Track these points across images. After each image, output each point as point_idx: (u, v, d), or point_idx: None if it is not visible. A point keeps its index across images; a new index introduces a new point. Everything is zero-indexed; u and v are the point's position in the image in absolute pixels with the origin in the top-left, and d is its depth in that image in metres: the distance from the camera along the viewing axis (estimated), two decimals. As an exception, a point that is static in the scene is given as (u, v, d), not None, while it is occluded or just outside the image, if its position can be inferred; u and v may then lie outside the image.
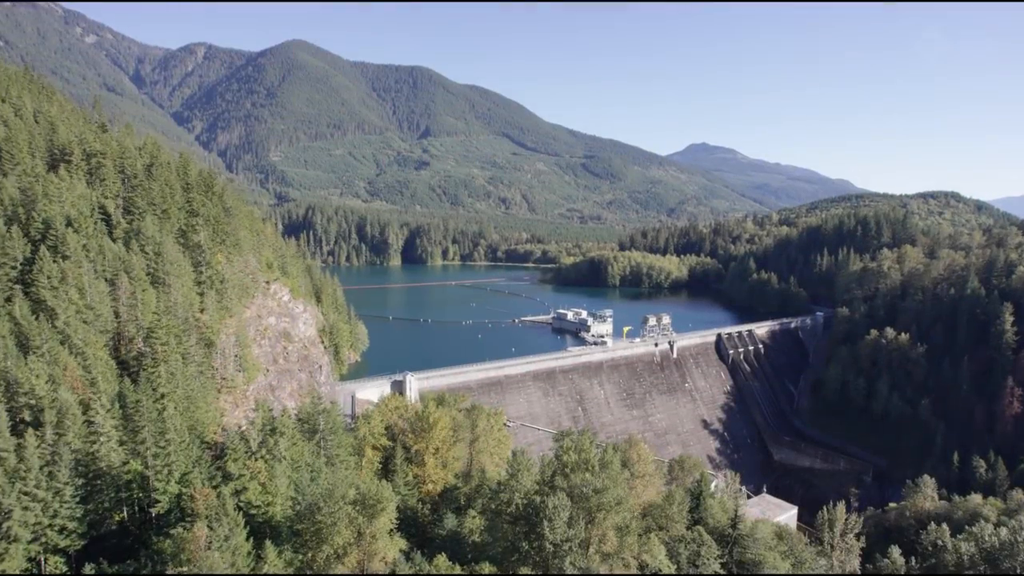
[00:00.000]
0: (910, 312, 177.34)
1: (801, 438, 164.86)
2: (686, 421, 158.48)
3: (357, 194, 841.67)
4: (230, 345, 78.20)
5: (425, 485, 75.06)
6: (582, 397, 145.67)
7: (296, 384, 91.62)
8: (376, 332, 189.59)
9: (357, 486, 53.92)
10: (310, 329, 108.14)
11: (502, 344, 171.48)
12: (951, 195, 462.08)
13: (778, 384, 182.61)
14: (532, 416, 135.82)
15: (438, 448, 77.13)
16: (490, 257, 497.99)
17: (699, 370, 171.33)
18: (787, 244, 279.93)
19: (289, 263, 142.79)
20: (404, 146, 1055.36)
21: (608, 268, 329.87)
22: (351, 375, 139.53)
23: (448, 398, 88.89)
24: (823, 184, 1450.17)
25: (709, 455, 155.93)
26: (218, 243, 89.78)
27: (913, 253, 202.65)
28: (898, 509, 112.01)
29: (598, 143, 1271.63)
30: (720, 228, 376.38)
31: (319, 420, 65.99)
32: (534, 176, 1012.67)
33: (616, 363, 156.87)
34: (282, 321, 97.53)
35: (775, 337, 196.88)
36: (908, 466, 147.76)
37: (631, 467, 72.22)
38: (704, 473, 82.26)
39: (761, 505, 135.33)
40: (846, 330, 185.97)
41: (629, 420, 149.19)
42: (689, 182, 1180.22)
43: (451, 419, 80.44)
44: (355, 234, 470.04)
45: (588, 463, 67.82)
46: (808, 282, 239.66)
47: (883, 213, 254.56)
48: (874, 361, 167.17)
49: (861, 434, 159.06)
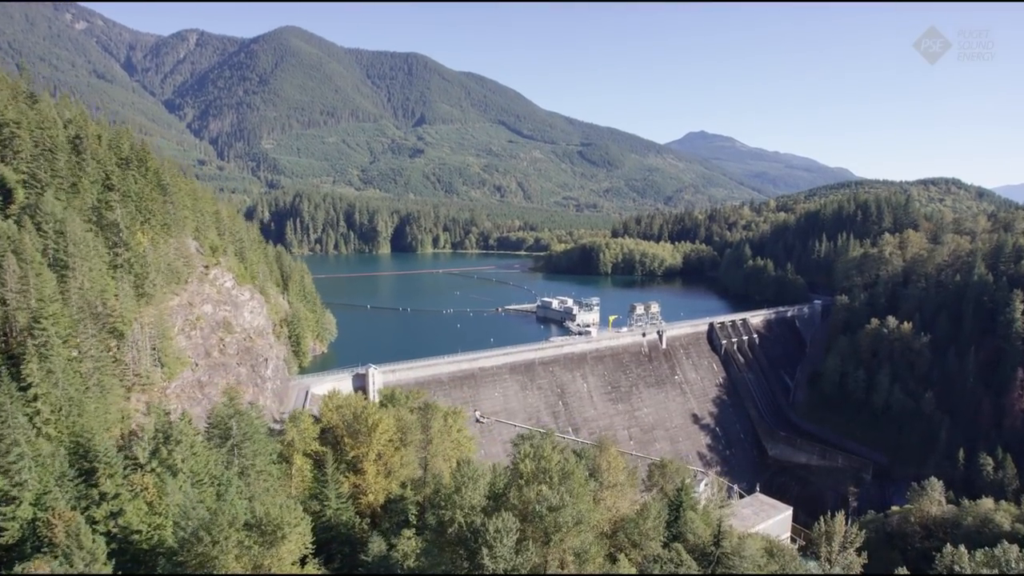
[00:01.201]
0: (913, 300, 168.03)
1: (797, 433, 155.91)
2: (675, 415, 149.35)
3: (350, 182, 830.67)
4: (146, 337, 68.53)
5: (365, 496, 65.75)
6: (563, 391, 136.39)
7: (234, 379, 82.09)
8: (351, 322, 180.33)
9: (255, 507, 44.47)
10: (258, 318, 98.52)
11: (482, 334, 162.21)
12: (952, 181, 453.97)
13: (773, 376, 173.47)
14: (508, 412, 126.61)
15: (380, 453, 67.76)
16: (482, 245, 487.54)
17: (690, 361, 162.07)
18: (784, 230, 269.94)
19: (248, 248, 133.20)
20: (399, 134, 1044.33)
21: (600, 255, 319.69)
22: (314, 368, 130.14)
23: (400, 395, 79.59)
24: (822, 172, 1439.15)
25: (699, 451, 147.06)
26: (142, 222, 79.86)
27: (916, 238, 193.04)
28: (901, 513, 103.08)
29: (595, 131, 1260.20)
30: (716, 215, 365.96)
31: (231, 424, 56.50)
32: (530, 164, 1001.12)
33: (601, 354, 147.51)
34: (221, 310, 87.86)
35: (771, 326, 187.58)
36: (910, 463, 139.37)
37: (600, 476, 62.81)
38: (686, 482, 72.89)
39: (754, 505, 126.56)
40: (845, 319, 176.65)
41: (614, 415, 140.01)
42: (687, 170, 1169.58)
43: (398, 420, 71.02)
44: (343, 222, 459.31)
45: (547, 473, 58.18)
46: (806, 269, 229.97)
47: (884, 198, 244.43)
48: (875, 352, 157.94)
49: (861, 429, 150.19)
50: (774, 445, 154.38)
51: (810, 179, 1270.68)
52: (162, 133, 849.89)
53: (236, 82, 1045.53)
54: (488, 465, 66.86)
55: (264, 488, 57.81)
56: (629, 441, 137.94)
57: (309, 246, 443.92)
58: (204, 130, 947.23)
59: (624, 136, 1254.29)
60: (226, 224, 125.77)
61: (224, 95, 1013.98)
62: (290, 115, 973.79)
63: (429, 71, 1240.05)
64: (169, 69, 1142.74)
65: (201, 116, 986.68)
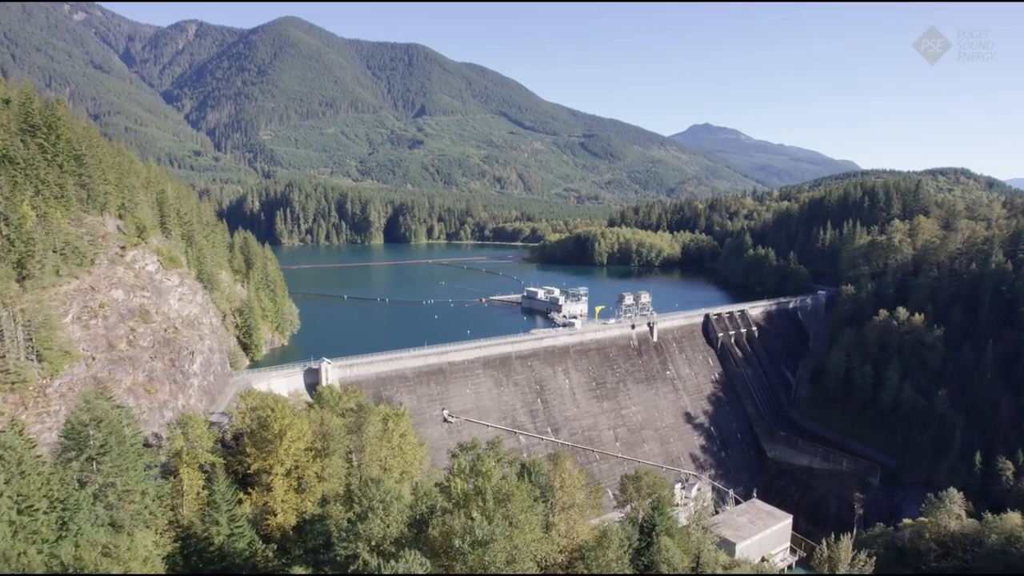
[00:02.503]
0: (924, 290, 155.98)
1: (799, 433, 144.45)
2: (666, 414, 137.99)
3: (348, 173, 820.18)
4: (17, 326, 57.49)
5: (273, 517, 54.61)
6: (542, 387, 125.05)
7: (144, 375, 71.05)
8: (323, 313, 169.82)
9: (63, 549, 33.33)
10: (189, 307, 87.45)
11: (460, 326, 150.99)
12: (961, 171, 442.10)
13: (773, 371, 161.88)
14: (480, 410, 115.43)
15: (296, 465, 56.61)
16: (477, 236, 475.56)
17: (683, 355, 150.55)
18: (787, 218, 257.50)
19: (200, 231, 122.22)
20: (398, 125, 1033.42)
21: (595, 245, 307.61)
22: (271, 362, 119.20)
23: (331, 395, 68.39)
24: (827, 165, 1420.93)
25: (692, 453, 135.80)
26: (32, 195, 68.75)
27: (927, 224, 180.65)
28: (914, 527, 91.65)
29: (598, 123, 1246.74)
30: (717, 204, 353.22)
31: (87, 433, 45.38)
32: (531, 155, 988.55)
33: (585, 348, 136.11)
34: (137, 296, 76.75)
35: (771, 318, 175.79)
36: (921, 467, 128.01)
37: (551, 496, 51.53)
38: (661, 496, 61.57)
39: (750, 513, 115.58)
40: (851, 310, 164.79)
41: (598, 414, 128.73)
42: (690, 162, 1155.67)
43: (321, 424, 59.84)
44: (335, 212, 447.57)
45: (482, 495, 46.83)
46: (809, 258, 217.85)
47: (893, 183, 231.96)
48: (883, 345, 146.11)
49: (867, 429, 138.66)
50: (773, 446, 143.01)
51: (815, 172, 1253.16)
52: (158, 124, 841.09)
53: (234, 73, 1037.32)
54: (423, 481, 55.76)
55: (134, 512, 46.74)
56: (615, 442, 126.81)
57: (300, 237, 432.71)
58: (202, 121, 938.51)
59: (627, 128, 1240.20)
60: (172, 204, 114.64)
61: (222, 86, 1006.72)
62: (288, 106, 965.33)
63: (430, 62, 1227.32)
64: (168, 60, 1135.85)
65: (199, 107, 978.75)
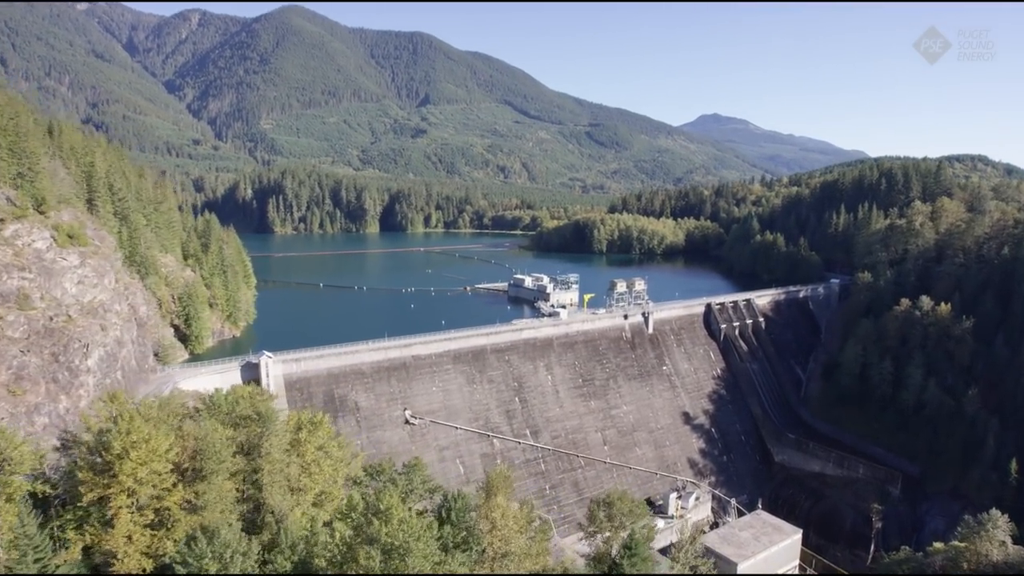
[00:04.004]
0: (949, 278, 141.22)
1: (809, 435, 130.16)
2: (662, 414, 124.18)
3: (349, 162, 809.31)
4: None
5: (117, 562, 41.34)
6: (521, 384, 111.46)
7: (11, 373, 58.18)
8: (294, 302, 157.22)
9: None
10: (92, 291, 74.29)
11: (437, 316, 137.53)
12: (978, 158, 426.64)
13: (782, 367, 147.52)
14: (449, 411, 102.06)
15: (155, 494, 43.35)
16: (476, 224, 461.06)
17: (682, 349, 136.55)
18: (797, 203, 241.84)
19: (135, 207, 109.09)
20: (402, 114, 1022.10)
21: (594, 232, 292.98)
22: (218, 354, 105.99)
23: (225, 400, 55.02)
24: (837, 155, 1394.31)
25: (690, 458, 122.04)
26: None
27: (952, 206, 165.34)
28: (947, 552, 77.48)
29: (605, 112, 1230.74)
30: (723, 190, 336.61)
31: None
32: (536, 145, 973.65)
33: (571, 340, 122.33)
34: (14, 278, 63.75)
35: (780, 308, 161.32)
36: (948, 475, 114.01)
37: (480, 541, 38.02)
38: (636, 532, 47.88)
39: (754, 527, 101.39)
40: (868, 300, 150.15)
41: (585, 414, 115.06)
42: (698, 152, 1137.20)
43: (196, 440, 46.55)
44: (329, 199, 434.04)
45: (375, 543, 33.15)
46: (821, 244, 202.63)
47: (912, 164, 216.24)
48: (904, 339, 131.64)
49: (886, 432, 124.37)
50: (781, 449, 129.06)
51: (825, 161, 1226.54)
52: (158, 113, 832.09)
53: (237, 62, 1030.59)
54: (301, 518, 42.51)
55: None
56: (603, 446, 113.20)
57: (293, 225, 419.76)
58: (203, 110, 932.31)
59: (634, 117, 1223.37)
60: (101, 178, 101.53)
61: (224, 75, 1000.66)
62: (290, 95, 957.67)
63: (434, 51, 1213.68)
64: (171, 50, 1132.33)
65: (201, 96, 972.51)
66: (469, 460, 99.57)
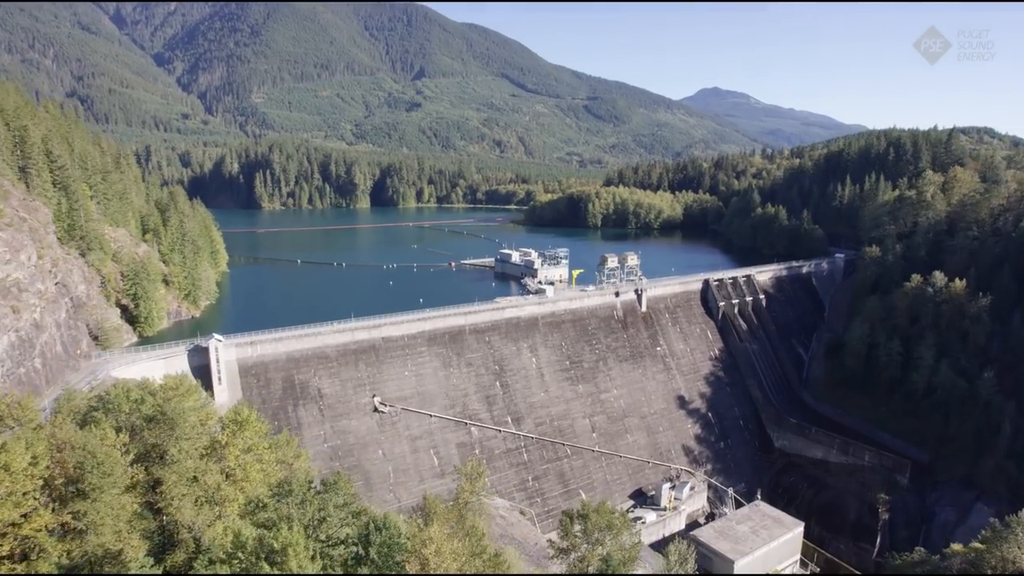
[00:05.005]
0: (962, 252, 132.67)
1: (812, 420, 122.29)
2: (655, 398, 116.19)
3: (343, 137, 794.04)
4: None
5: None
6: (503, 368, 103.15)
7: None
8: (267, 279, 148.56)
9: None
10: (5, 268, 65.38)
11: (416, 293, 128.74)
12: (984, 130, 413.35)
13: (783, 346, 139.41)
14: (423, 397, 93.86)
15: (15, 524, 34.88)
16: (469, 199, 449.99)
17: (677, 328, 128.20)
18: (800, 175, 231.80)
19: (76, 176, 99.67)
20: (396, 87, 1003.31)
21: (588, 206, 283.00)
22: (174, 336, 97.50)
23: (124, 398, 46.41)
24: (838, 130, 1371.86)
25: (685, 444, 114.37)
26: None
27: (966, 176, 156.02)
28: (967, 555, 69.93)
29: (603, 85, 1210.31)
30: (722, 162, 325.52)
31: None
32: (532, 118, 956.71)
33: (558, 319, 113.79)
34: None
35: (781, 285, 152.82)
36: (960, 462, 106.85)
37: None
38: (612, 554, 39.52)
39: (753, 520, 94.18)
40: (875, 275, 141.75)
41: (572, 399, 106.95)
42: (698, 126, 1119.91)
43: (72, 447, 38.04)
44: (318, 174, 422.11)
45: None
46: (825, 218, 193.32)
47: (921, 134, 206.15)
48: (915, 317, 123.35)
49: (894, 416, 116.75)
50: (782, 435, 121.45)
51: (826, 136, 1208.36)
52: (145, 87, 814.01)
53: (227, 34, 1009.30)
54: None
55: None
56: (591, 433, 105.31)
57: (281, 200, 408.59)
58: (193, 84, 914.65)
59: (633, 91, 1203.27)
60: (36, 145, 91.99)
61: (214, 48, 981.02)
62: (282, 68, 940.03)
63: (429, 22, 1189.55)
64: (160, 22, 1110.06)
65: (191, 70, 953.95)
66: (444, 450, 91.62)
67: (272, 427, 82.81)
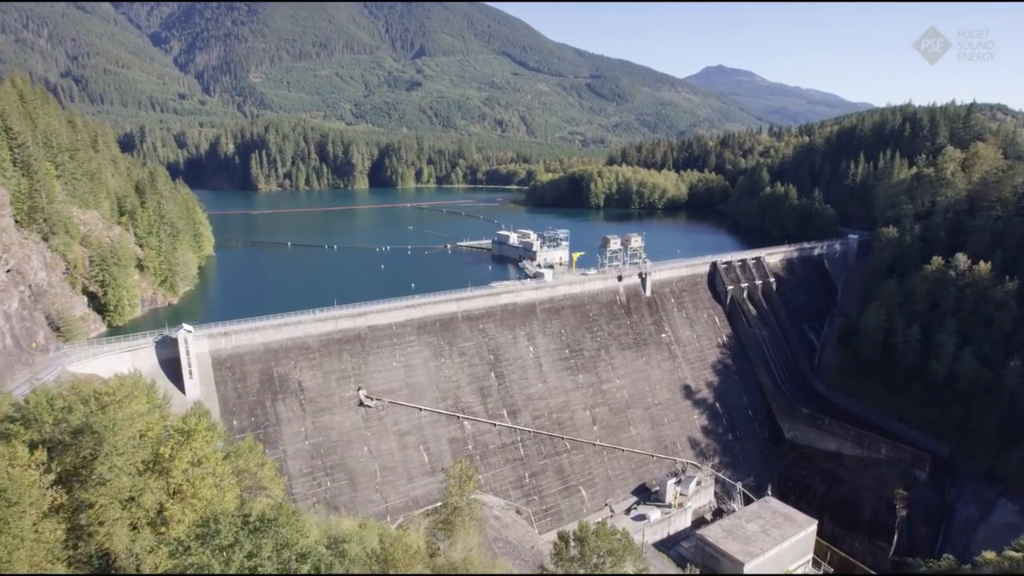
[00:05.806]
0: (984, 232, 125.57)
1: (825, 410, 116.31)
2: (660, 388, 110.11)
3: (342, 116, 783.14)
4: None
5: None
6: (498, 357, 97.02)
7: None
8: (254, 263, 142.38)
9: None
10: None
11: (409, 277, 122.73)
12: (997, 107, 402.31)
13: (794, 333, 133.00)
14: (412, 389, 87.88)
15: None
16: (470, 179, 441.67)
17: (683, 314, 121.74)
18: (810, 152, 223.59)
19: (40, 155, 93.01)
20: (396, 66, 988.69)
21: (591, 185, 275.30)
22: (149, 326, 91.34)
23: (46, 406, 40.21)
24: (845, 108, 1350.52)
25: (692, 437, 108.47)
26: None
27: (988, 152, 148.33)
28: (999, 563, 64.09)
29: (607, 63, 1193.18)
30: (728, 140, 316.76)
31: None
32: (535, 97, 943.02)
33: (557, 305, 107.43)
34: None
35: (792, 267, 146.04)
36: (983, 456, 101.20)
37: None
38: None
39: (763, 518, 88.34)
40: (892, 258, 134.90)
41: (572, 390, 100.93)
42: (702, 104, 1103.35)
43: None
44: (315, 154, 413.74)
45: None
46: (837, 197, 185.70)
47: (938, 109, 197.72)
48: (935, 302, 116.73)
49: (912, 407, 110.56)
50: (793, 425, 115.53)
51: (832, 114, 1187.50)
52: (142, 67, 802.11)
53: (224, 12, 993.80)
54: None
55: None
56: (592, 426, 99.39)
57: (277, 181, 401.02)
58: (190, 64, 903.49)
59: (637, 69, 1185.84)
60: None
61: (211, 26, 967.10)
62: (280, 47, 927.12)
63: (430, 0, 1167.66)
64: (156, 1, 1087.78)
65: (187, 50, 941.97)
66: (435, 446, 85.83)
67: (248, 423, 77.46)
